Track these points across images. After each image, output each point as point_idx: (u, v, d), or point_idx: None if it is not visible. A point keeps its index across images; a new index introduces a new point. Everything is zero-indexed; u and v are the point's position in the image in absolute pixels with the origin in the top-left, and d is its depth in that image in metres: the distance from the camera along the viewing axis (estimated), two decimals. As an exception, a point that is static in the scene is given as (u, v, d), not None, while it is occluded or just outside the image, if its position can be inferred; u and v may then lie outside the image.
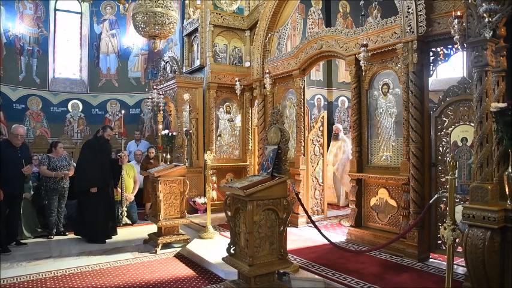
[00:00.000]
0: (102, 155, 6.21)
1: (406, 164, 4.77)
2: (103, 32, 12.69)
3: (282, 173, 3.59)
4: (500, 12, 3.01)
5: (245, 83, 8.09)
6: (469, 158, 4.22)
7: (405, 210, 4.82)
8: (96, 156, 6.12)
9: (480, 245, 2.96)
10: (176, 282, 4.23)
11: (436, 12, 4.51)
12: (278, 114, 3.84)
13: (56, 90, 11.97)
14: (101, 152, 6.20)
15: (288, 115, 7.18)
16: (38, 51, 11.63)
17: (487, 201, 3.03)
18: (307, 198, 6.79)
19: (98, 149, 6.22)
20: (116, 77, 12.65)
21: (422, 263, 4.42)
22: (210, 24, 8.19)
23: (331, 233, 6.01)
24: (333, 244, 4.31)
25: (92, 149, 6.27)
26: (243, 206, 3.43)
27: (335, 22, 11.35)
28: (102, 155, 6.20)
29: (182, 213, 5.77)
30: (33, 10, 11.57)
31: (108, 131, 6.36)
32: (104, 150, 6.29)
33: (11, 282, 4.22)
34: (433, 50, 4.71)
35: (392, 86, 5.21)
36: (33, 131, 11.41)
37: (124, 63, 12.68)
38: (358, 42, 5.36)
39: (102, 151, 6.24)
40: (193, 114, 8.20)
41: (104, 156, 6.24)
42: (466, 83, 4.26)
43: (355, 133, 5.58)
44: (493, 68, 3.25)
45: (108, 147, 6.50)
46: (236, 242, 3.60)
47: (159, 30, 6.06)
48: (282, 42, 7.68)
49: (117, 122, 12.39)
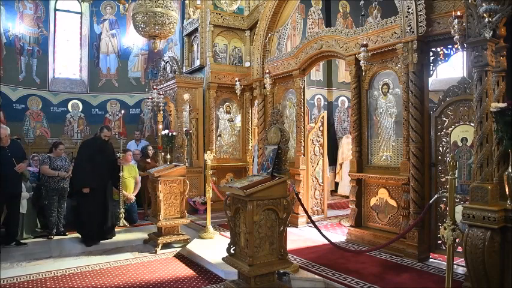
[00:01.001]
0: (100, 155, 6.04)
1: (406, 164, 4.77)
2: (103, 32, 12.69)
3: (282, 173, 3.59)
4: (500, 12, 3.01)
5: (245, 83, 8.09)
6: (469, 158, 4.22)
7: (405, 210, 4.82)
8: (92, 156, 5.99)
9: (480, 245, 2.96)
10: (176, 282, 4.23)
11: (436, 12, 4.51)
12: (278, 114, 3.84)
13: (56, 90, 11.97)
14: (99, 153, 6.06)
15: (288, 115, 7.18)
16: (38, 51, 11.62)
17: (487, 201, 3.03)
18: (307, 198, 6.80)
19: (95, 149, 6.10)
20: (115, 77, 12.65)
21: (422, 263, 4.42)
22: (210, 24, 8.20)
23: (331, 233, 6.01)
24: (333, 244, 4.31)
25: (89, 149, 6.18)
26: (243, 206, 3.43)
27: (335, 22, 11.35)
28: (100, 156, 6.04)
29: (182, 213, 5.77)
30: (33, 10, 11.57)
31: (105, 131, 6.21)
32: (102, 150, 6.14)
33: (11, 282, 4.22)
34: (433, 50, 4.71)
35: (392, 86, 5.21)
36: (33, 131, 11.41)
37: (124, 63, 12.68)
38: (358, 42, 5.36)
39: (101, 151, 6.10)
40: (193, 114, 8.21)
41: (102, 156, 6.08)
42: (466, 83, 4.26)
43: (355, 133, 5.58)
44: (493, 68, 3.25)
45: (107, 148, 6.34)
46: (236, 242, 3.60)
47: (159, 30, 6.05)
48: (282, 42, 7.68)
49: (117, 122, 12.39)
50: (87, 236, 5.83)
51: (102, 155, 6.09)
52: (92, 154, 6.02)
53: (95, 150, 6.08)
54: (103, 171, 6.01)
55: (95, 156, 5.99)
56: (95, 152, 6.05)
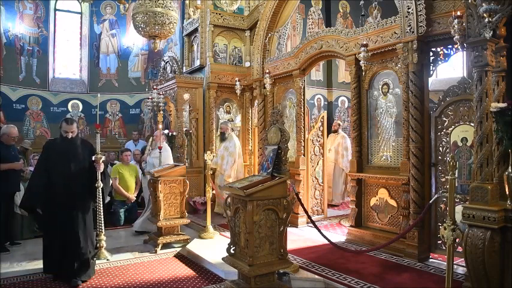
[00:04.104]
0: (62, 161, 4.34)
1: (406, 164, 4.77)
2: (103, 32, 12.69)
3: (282, 173, 3.59)
4: (500, 12, 3.01)
5: (245, 83, 8.09)
6: (469, 158, 4.22)
7: (405, 210, 4.82)
8: (49, 163, 4.36)
9: (480, 245, 2.96)
10: (176, 282, 4.23)
11: (436, 12, 4.51)
12: (278, 114, 3.84)
13: (56, 90, 11.97)
14: (60, 157, 4.34)
15: (288, 115, 7.18)
16: (38, 51, 11.62)
17: (487, 201, 3.03)
18: (307, 198, 6.79)
19: (55, 152, 4.41)
20: (116, 77, 12.65)
21: (422, 263, 4.42)
22: (210, 24, 8.19)
23: (331, 233, 6.01)
24: (333, 244, 4.32)
25: (44, 154, 4.50)
26: (243, 206, 3.43)
27: (335, 22, 11.35)
28: (62, 161, 4.33)
29: (182, 213, 5.77)
30: (33, 10, 11.57)
31: (63, 125, 4.36)
32: (65, 154, 4.37)
33: (11, 282, 4.22)
34: (433, 50, 4.71)
35: (392, 86, 5.21)
36: (33, 131, 11.41)
37: (124, 63, 12.68)
38: (358, 42, 5.36)
39: (63, 155, 4.36)
40: (193, 114, 8.20)
41: (66, 162, 4.34)
42: (466, 83, 4.26)
43: (355, 133, 5.58)
44: (493, 68, 3.25)
45: (73, 149, 4.44)
46: (236, 242, 3.60)
47: (159, 30, 6.06)
48: (282, 42, 7.68)
49: (117, 121, 12.41)
50: (47, 269, 4.37)
51: (66, 160, 4.35)
52: (48, 160, 4.38)
53: (55, 154, 4.38)
54: (67, 183, 4.27)
55: (54, 162, 4.33)
56: (54, 157, 4.37)
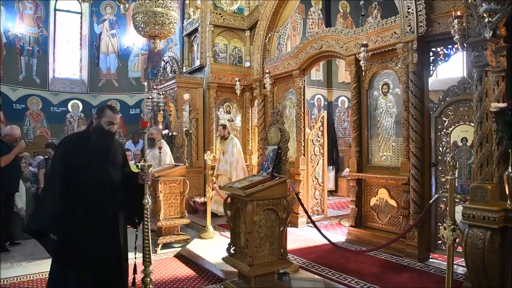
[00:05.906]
0: (101, 164, 2.92)
1: (406, 164, 4.77)
2: (103, 32, 12.69)
3: (282, 173, 3.59)
4: (500, 12, 3.01)
5: (245, 83, 8.08)
6: (469, 158, 4.22)
7: (405, 210, 4.81)
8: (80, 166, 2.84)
9: (480, 245, 2.96)
10: (176, 282, 4.23)
11: (436, 12, 4.51)
12: (278, 114, 3.85)
13: (56, 90, 11.98)
14: (99, 159, 2.91)
15: (288, 115, 7.18)
16: (38, 51, 11.63)
17: (487, 201, 3.03)
18: (307, 198, 6.79)
19: (89, 152, 2.89)
20: (115, 77, 12.65)
21: (422, 263, 4.42)
22: (210, 24, 8.19)
23: (331, 233, 6.01)
24: (333, 244, 4.32)
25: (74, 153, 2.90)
26: (243, 206, 3.43)
27: (335, 22, 11.35)
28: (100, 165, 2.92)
29: (182, 213, 5.77)
30: (33, 10, 11.57)
31: (108, 113, 2.99)
32: (106, 154, 2.97)
33: (11, 282, 4.22)
34: (433, 50, 4.71)
35: (392, 86, 5.21)
36: (33, 131, 11.41)
37: (124, 63, 12.69)
38: (358, 42, 5.36)
39: (103, 156, 2.95)
40: (193, 114, 8.20)
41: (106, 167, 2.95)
42: (466, 83, 4.26)
43: (355, 133, 5.58)
44: (493, 68, 3.25)
45: (115, 149, 3.10)
46: (236, 242, 3.61)
47: (159, 30, 6.04)
48: (282, 42, 7.68)
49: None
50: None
51: (104, 163, 2.95)
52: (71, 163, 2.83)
53: (86, 153, 2.88)
54: (103, 196, 2.89)
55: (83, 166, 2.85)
56: (83, 157, 2.87)
